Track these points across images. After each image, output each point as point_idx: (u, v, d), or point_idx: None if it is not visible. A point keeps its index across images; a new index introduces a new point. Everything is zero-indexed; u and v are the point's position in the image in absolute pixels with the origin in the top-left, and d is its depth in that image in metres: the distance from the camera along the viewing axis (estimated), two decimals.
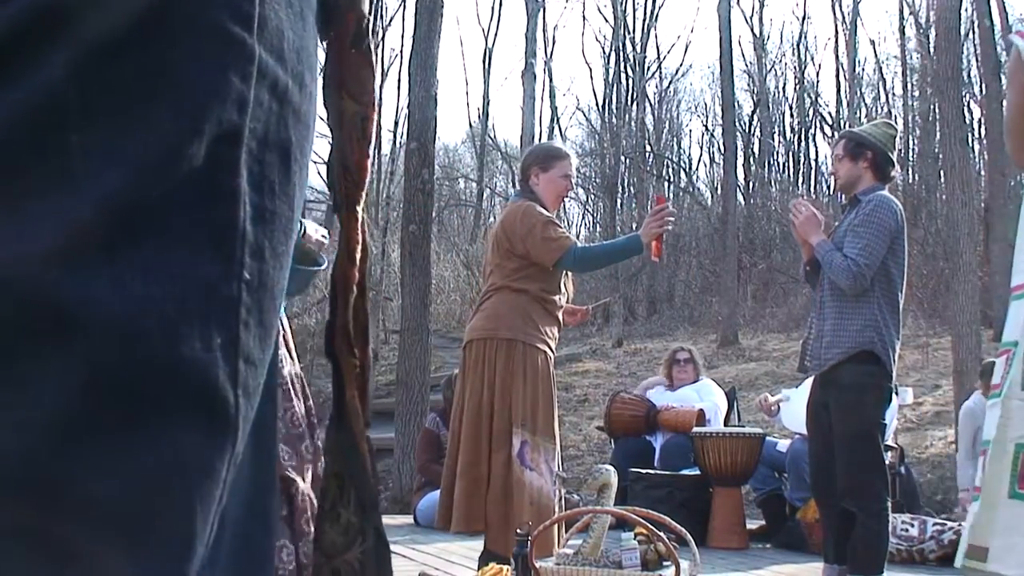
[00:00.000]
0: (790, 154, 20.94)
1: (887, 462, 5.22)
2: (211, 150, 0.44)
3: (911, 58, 19.33)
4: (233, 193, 0.45)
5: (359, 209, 0.59)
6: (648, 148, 20.85)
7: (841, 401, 3.45)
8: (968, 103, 14.68)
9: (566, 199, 4.23)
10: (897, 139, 3.72)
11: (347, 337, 0.57)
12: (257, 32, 0.46)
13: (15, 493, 0.39)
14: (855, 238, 3.46)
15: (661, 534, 2.78)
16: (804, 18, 35.29)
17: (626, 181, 20.37)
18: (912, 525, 4.81)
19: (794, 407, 4.62)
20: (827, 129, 20.58)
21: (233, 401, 0.45)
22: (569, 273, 3.83)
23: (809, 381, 3.88)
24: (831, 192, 16.77)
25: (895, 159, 3.64)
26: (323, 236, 2.51)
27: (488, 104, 21.89)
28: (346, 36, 0.56)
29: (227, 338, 0.45)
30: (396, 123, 20.33)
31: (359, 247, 0.58)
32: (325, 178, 0.59)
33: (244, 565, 0.49)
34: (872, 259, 3.42)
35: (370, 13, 0.58)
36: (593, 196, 20.97)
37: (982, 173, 13.85)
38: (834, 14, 20.76)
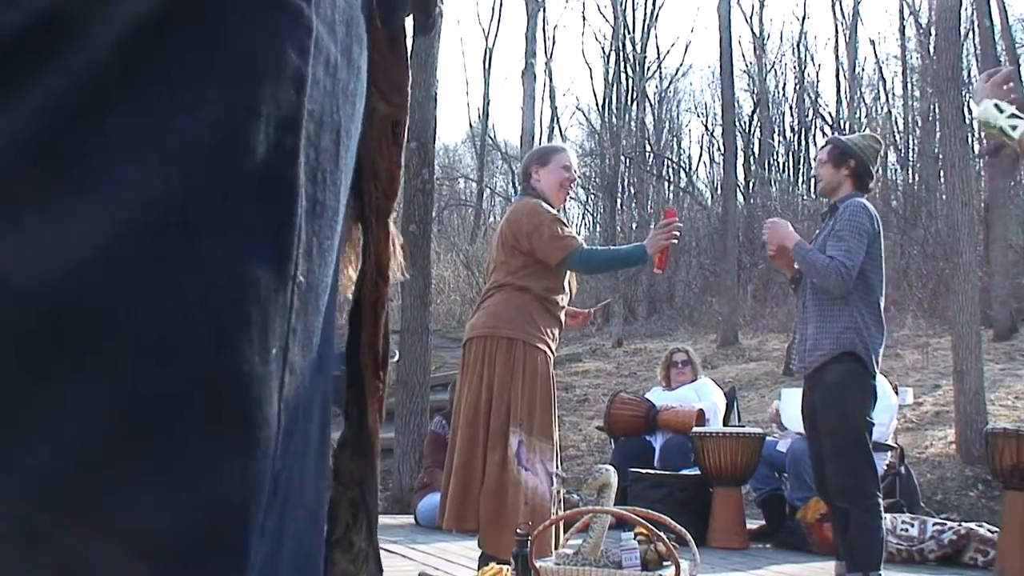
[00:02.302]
0: (790, 154, 20.94)
1: (887, 462, 5.26)
2: (269, 134, 0.39)
3: (911, 58, 19.33)
4: (291, 185, 0.41)
5: (391, 221, 0.53)
6: (648, 148, 20.85)
7: (826, 400, 3.56)
8: (968, 103, 14.68)
9: (568, 197, 4.24)
10: (881, 155, 3.87)
11: (375, 357, 0.53)
12: (313, 1, 0.41)
13: (46, 526, 0.36)
14: (837, 241, 3.56)
15: (661, 534, 2.78)
16: (804, 18, 35.37)
17: (626, 181, 20.37)
18: (912, 525, 4.80)
19: (792, 407, 4.62)
20: (827, 129, 20.57)
21: (276, 416, 0.41)
22: (572, 273, 3.84)
23: None
24: None
25: (875, 173, 3.77)
26: None
27: (488, 104, 21.94)
28: (380, 38, 0.52)
29: (280, 348, 0.41)
30: None
31: (391, 262, 0.53)
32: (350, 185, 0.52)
33: (303, 573, 0.46)
34: (855, 260, 3.52)
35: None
36: (593, 196, 20.98)
37: (982, 173, 13.85)
38: (834, 14, 20.79)
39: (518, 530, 2.96)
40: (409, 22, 0.56)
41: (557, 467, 3.66)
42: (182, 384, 0.37)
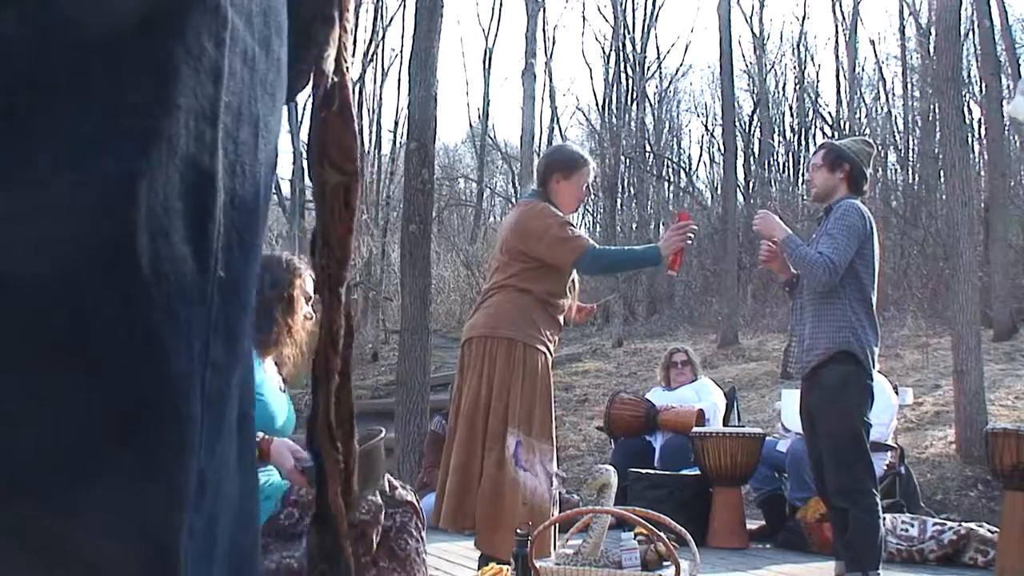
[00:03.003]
0: (790, 154, 20.93)
1: (887, 462, 5.26)
2: (188, 127, 0.39)
3: (911, 58, 19.33)
4: (211, 178, 0.40)
5: (342, 291, 0.53)
6: (648, 148, 20.85)
7: (823, 400, 3.59)
8: (968, 103, 14.68)
9: None
10: (873, 157, 3.87)
11: (329, 431, 0.53)
12: None
13: (23, 498, 0.36)
14: (828, 239, 3.60)
15: (661, 534, 2.78)
16: (804, 18, 35.37)
17: (626, 181, 20.37)
18: (912, 525, 4.80)
19: (791, 408, 4.62)
20: (827, 129, 20.58)
21: (197, 414, 0.41)
22: (575, 277, 3.84)
23: None
24: None
25: (869, 176, 3.79)
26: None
27: (488, 104, 21.93)
28: (316, 96, 0.51)
29: (202, 345, 0.41)
30: (396, 123, 20.38)
31: (342, 331, 0.53)
32: (308, 254, 0.53)
33: (239, 570, 0.47)
34: (843, 257, 3.55)
35: (336, 71, 0.52)
36: (593, 196, 20.95)
37: (982, 173, 13.85)
38: (834, 14, 20.77)
39: (518, 530, 2.96)
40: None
41: (556, 468, 3.67)
42: (108, 383, 0.37)
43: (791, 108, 21.56)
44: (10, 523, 0.37)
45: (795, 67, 21.57)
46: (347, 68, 0.53)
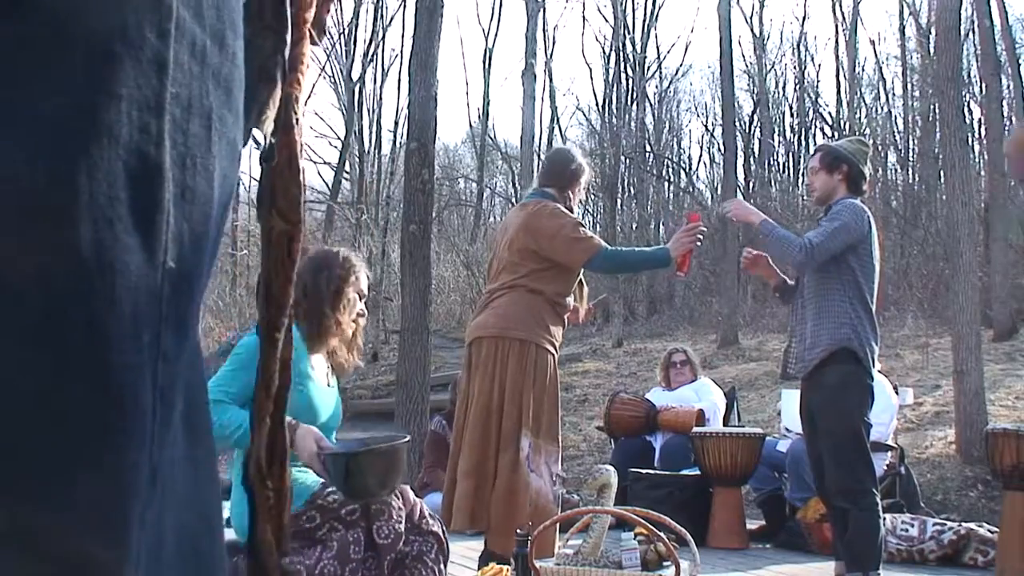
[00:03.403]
0: (790, 154, 20.93)
1: (887, 462, 5.26)
2: (131, 117, 0.38)
3: (911, 58, 19.33)
4: (158, 169, 0.40)
5: (278, 336, 0.54)
6: (648, 148, 20.85)
7: (824, 401, 3.59)
8: (968, 103, 14.68)
9: None
10: (870, 156, 3.89)
11: (259, 469, 0.54)
12: None
13: None
14: (818, 229, 3.65)
15: (661, 534, 2.78)
16: (804, 18, 35.36)
17: (626, 181, 20.37)
18: (912, 525, 4.80)
19: (792, 408, 4.62)
20: (827, 129, 20.58)
21: (150, 405, 0.41)
22: (583, 279, 3.86)
23: None
24: None
25: (867, 175, 3.80)
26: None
27: (488, 104, 21.92)
28: (281, 157, 0.52)
29: (152, 335, 0.40)
30: (396, 123, 20.37)
31: (276, 377, 0.54)
32: (255, 298, 0.54)
33: (192, 567, 0.46)
34: (826, 243, 3.56)
35: (285, 127, 0.53)
36: (593, 196, 20.96)
37: (982, 173, 13.85)
38: (834, 14, 20.76)
39: (518, 530, 2.96)
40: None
41: (559, 468, 3.67)
42: (54, 374, 0.37)
43: (791, 108, 21.57)
44: None
45: (795, 67, 21.59)
46: (297, 120, 0.53)
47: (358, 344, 2.83)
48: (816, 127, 20.94)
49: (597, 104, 22.00)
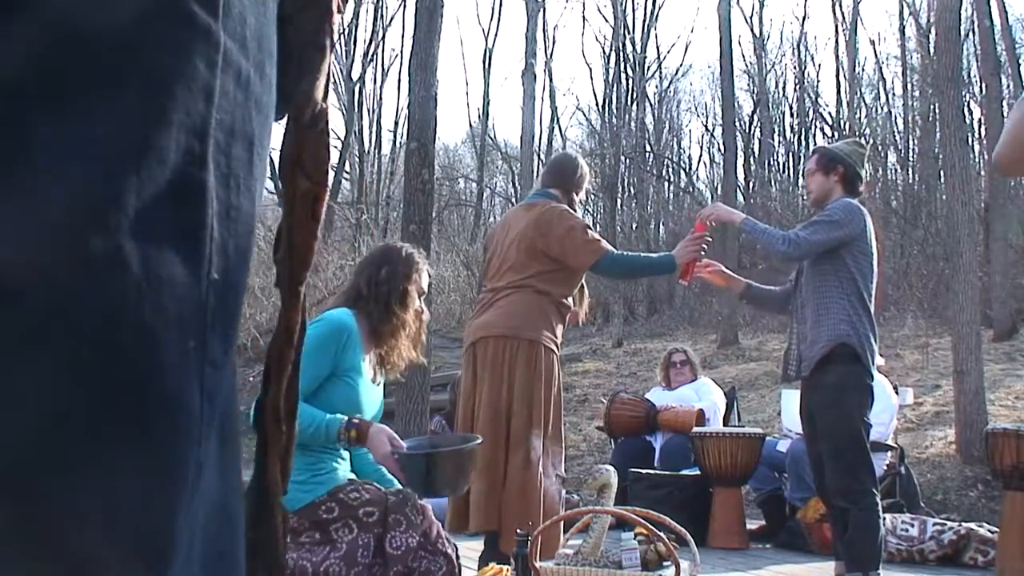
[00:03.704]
0: (790, 154, 20.94)
1: (887, 462, 5.26)
2: (179, 141, 0.42)
3: (911, 58, 19.34)
4: (202, 189, 0.43)
5: (301, 289, 0.57)
6: (648, 148, 20.85)
7: (824, 401, 3.60)
8: (968, 103, 14.68)
9: None
10: (866, 156, 3.91)
11: (276, 413, 0.56)
12: (222, 18, 0.44)
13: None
14: (807, 224, 3.71)
15: (661, 534, 2.77)
16: (804, 18, 35.38)
17: (626, 181, 20.37)
18: (912, 525, 4.80)
19: (792, 408, 4.63)
20: (827, 129, 20.58)
21: (198, 407, 0.44)
22: (584, 283, 3.88)
23: None
24: None
25: (864, 176, 3.82)
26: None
27: (488, 104, 21.93)
28: (301, 117, 0.55)
29: (198, 342, 0.43)
30: (396, 123, 20.38)
31: (298, 327, 0.57)
32: (274, 253, 0.57)
33: (216, 570, 0.48)
34: (810, 236, 3.60)
35: (325, 96, 0.56)
36: (593, 196, 20.97)
37: (982, 173, 13.85)
38: (834, 14, 20.77)
39: (518, 530, 2.96)
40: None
41: (561, 468, 3.68)
42: (109, 375, 0.39)
43: (791, 108, 21.58)
44: (5, 524, 0.38)
45: (795, 67, 21.60)
46: (327, 86, 0.57)
47: (422, 340, 2.84)
48: (816, 127, 20.96)
49: (597, 104, 22.03)
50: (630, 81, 20.89)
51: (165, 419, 0.42)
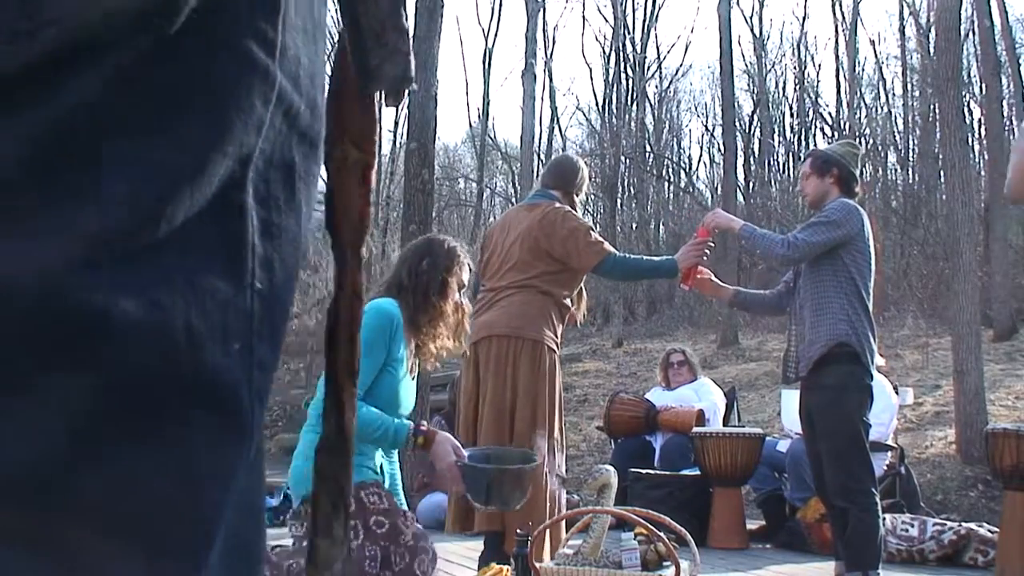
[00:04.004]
0: (790, 154, 20.93)
1: (887, 462, 5.26)
2: (227, 168, 0.46)
3: (911, 58, 19.34)
4: (241, 208, 0.47)
5: (363, 252, 0.61)
6: (648, 148, 20.86)
7: (823, 401, 3.60)
8: (968, 103, 14.68)
9: None
10: (861, 157, 3.94)
11: (351, 370, 0.60)
12: (279, 59, 0.48)
13: (30, 501, 0.39)
14: (805, 226, 3.72)
15: (661, 534, 2.77)
16: (804, 18, 35.38)
17: (626, 181, 20.38)
18: (912, 525, 4.80)
19: (791, 408, 4.63)
20: (827, 129, 20.59)
21: (249, 406, 0.47)
22: (583, 285, 3.89)
23: None
24: None
25: (860, 177, 3.84)
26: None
27: (488, 104, 21.89)
28: (354, 96, 0.58)
29: (243, 346, 0.47)
30: (396, 123, 20.36)
31: (363, 289, 0.61)
32: (324, 222, 0.61)
33: (235, 565, 0.50)
34: (808, 238, 3.62)
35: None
36: (593, 196, 20.97)
37: (982, 173, 13.85)
38: (834, 14, 20.77)
39: (518, 530, 2.96)
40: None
41: (561, 468, 3.68)
42: (158, 375, 0.42)
43: (791, 108, 21.58)
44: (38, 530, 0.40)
45: (795, 67, 21.60)
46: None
47: (465, 329, 2.86)
48: (816, 127, 20.96)
49: (597, 104, 22.03)
50: (630, 81, 20.89)
51: (213, 417, 0.45)
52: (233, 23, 0.45)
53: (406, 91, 0.60)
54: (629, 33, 21.26)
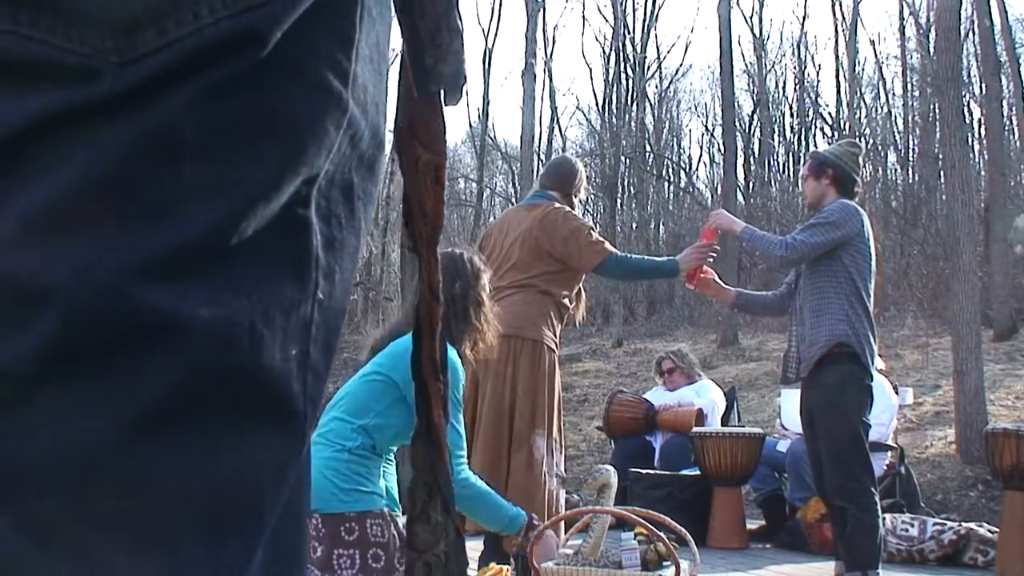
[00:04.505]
0: (790, 154, 20.94)
1: (887, 462, 5.26)
2: (296, 187, 0.48)
3: (911, 58, 19.33)
4: (306, 223, 0.50)
5: (437, 250, 0.64)
6: (648, 148, 20.86)
7: (823, 401, 3.60)
8: (968, 103, 14.67)
9: None
10: (861, 157, 3.95)
11: (434, 365, 0.63)
12: (351, 87, 0.51)
13: (101, 481, 0.42)
14: (803, 227, 3.74)
15: (661, 534, 2.77)
16: (804, 18, 35.39)
17: (626, 181, 20.38)
18: (912, 525, 4.81)
19: (792, 408, 4.64)
20: (827, 129, 20.59)
21: (303, 410, 0.49)
22: (582, 286, 3.89)
23: None
24: None
25: (858, 176, 3.84)
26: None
27: (488, 104, 21.90)
28: (428, 103, 0.60)
29: (301, 351, 0.49)
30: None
31: (440, 285, 0.64)
32: (403, 221, 0.64)
33: (277, 563, 0.52)
34: (806, 239, 3.63)
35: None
36: (593, 196, 20.96)
37: (982, 173, 13.85)
38: (834, 14, 20.77)
39: None
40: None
41: (560, 468, 3.68)
42: (224, 372, 0.45)
43: (791, 108, 21.58)
44: (112, 511, 0.43)
45: (795, 67, 21.60)
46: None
47: (498, 329, 2.90)
48: (816, 127, 20.96)
49: (597, 104, 22.02)
50: (630, 81, 20.89)
51: (270, 417, 0.47)
52: (312, 53, 0.48)
53: (464, 89, 0.62)
54: (629, 33, 21.26)
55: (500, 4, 26.85)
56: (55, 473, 0.42)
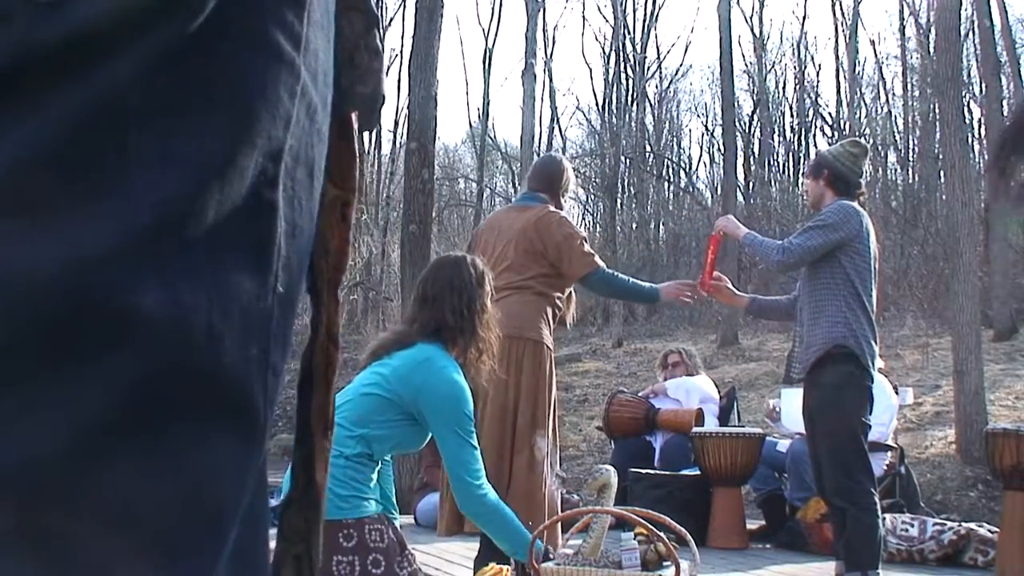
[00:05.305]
0: (790, 154, 20.94)
1: (887, 462, 5.26)
2: (257, 163, 0.44)
3: (911, 58, 19.33)
4: (272, 207, 0.46)
5: (340, 293, 0.59)
6: (648, 148, 20.85)
7: (823, 401, 3.60)
8: (968, 103, 14.68)
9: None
10: (861, 156, 3.89)
11: (324, 420, 0.57)
12: (303, 52, 0.47)
13: (37, 496, 0.38)
14: (801, 231, 3.77)
15: (661, 534, 2.77)
16: (804, 18, 35.40)
17: (626, 181, 20.36)
18: (912, 525, 4.80)
19: (792, 408, 4.64)
20: (827, 129, 20.59)
21: (262, 410, 0.46)
22: (573, 287, 3.92)
23: None
24: None
25: (858, 176, 3.82)
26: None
27: (488, 104, 21.86)
28: (336, 128, 0.56)
29: (261, 349, 0.45)
30: (396, 123, 20.34)
31: (338, 329, 0.58)
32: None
33: (236, 570, 0.48)
34: (803, 243, 3.63)
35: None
36: (593, 196, 20.96)
37: (982, 173, 13.84)
38: (834, 14, 20.76)
39: None
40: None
41: (559, 468, 3.69)
42: (178, 373, 0.41)
43: (791, 108, 21.57)
44: (62, 519, 0.39)
45: (795, 67, 21.59)
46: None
47: (497, 338, 2.88)
48: (816, 127, 20.96)
49: (597, 104, 22.01)
50: (630, 81, 20.88)
51: (227, 419, 0.44)
52: (259, 13, 0.45)
53: (381, 111, 0.58)
54: (629, 33, 21.25)
55: (500, 4, 26.81)
56: None
